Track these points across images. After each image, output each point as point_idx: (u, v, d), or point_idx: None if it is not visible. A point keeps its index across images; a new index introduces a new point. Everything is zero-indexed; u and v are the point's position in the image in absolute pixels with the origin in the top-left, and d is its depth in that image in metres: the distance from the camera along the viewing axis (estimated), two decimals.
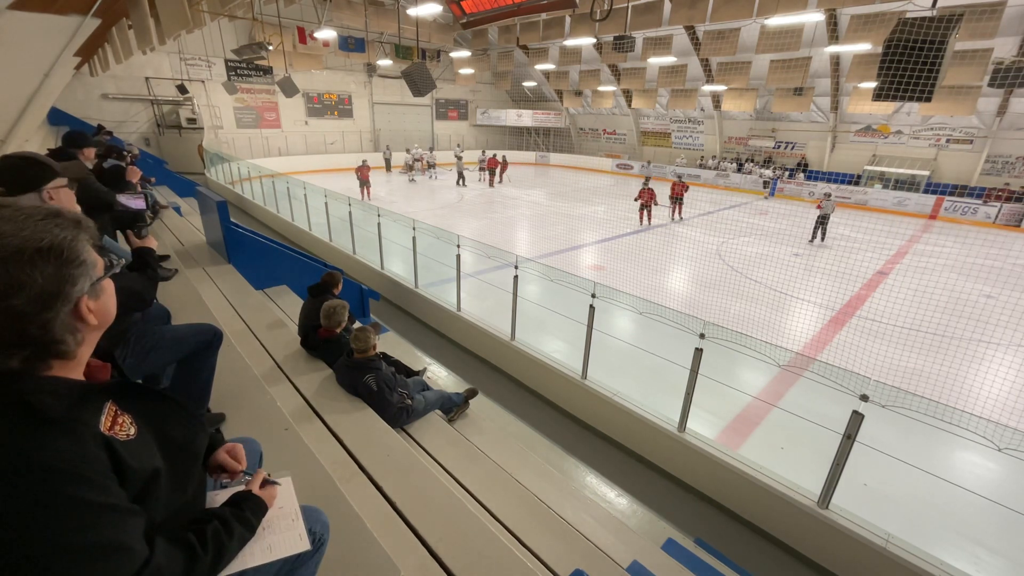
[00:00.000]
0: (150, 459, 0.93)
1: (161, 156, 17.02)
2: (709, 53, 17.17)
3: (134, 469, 0.88)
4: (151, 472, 0.93)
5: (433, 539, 2.07)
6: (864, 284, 9.34)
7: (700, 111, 23.55)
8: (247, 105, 21.62)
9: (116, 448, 0.86)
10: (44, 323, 0.82)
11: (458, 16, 7.24)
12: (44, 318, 0.82)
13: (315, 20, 18.18)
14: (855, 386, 3.11)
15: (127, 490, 0.86)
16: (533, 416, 4.90)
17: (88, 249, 0.89)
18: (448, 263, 6.43)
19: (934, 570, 2.85)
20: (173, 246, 5.52)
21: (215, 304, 4.01)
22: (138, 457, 0.90)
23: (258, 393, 2.65)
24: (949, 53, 4.02)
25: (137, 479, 0.89)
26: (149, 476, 0.92)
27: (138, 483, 0.89)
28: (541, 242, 11.73)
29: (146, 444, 0.94)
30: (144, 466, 0.91)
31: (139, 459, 0.90)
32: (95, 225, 0.95)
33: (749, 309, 7.65)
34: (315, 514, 1.48)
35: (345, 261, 8.62)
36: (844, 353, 6.24)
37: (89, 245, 0.90)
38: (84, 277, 0.87)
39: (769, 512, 3.57)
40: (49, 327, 0.83)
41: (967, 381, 5.78)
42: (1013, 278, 10.06)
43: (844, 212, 16.66)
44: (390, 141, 26.29)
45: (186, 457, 1.09)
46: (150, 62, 18.23)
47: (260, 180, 13.17)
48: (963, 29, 8.06)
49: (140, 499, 0.89)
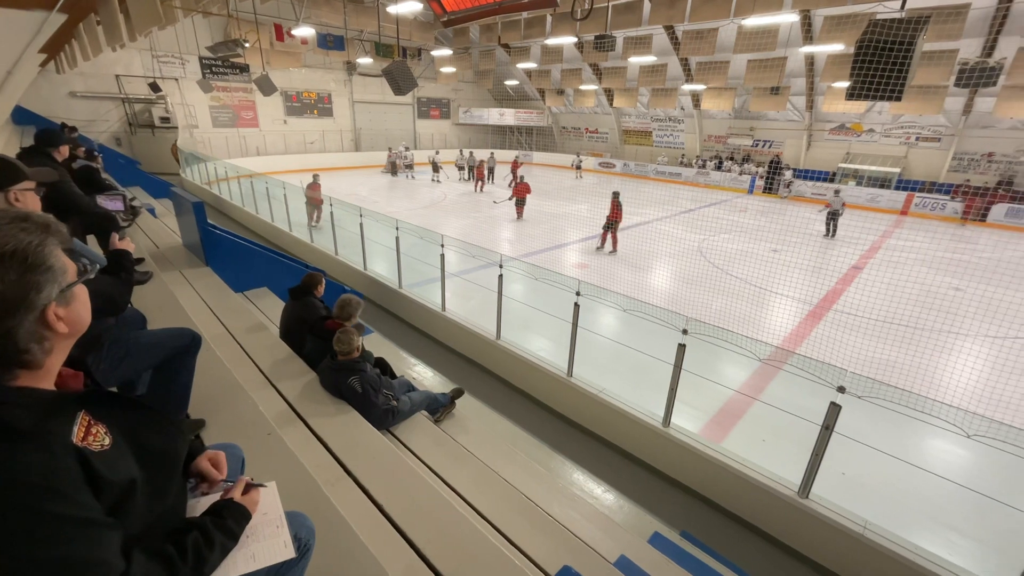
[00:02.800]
0: (126, 469, 0.91)
1: (134, 156, 16.53)
2: (688, 53, 17.40)
3: (109, 480, 0.85)
4: (127, 483, 0.90)
5: (421, 541, 2.06)
6: (840, 278, 9.60)
7: (680, 110, 23.86)
8: (223, 104, 21.13)
9: (90, 459, 0.83)
10: (7, 332, 0.79)
11: (439, 14, 7.20)
12: (6, 326, 0.79)
13: (293, 17, 17.88)
14: (832, 378, 3.19)
15: (102, 502, 0.84)
16: (520, 415, 4.91)
17: (57, 254, 0.86)
18: (432, 263, 6.40)
19: (910, 555, 2.95)
20: (148, 249, 5.37)
21: (193, 307, 3.91)
22: (114, 468, 0.87)
23: (239, 398, 2.60)
24: (918, 54, 4.14)
25: (113, 490, 0.86)
26: (125, 487, 0.89)
27: (114, 495, 0.87)
28: (525, 241, 11.74)
29: (122, 454, 0.92)
30: (120, 477, 0.88)
31: (115, 470, 0.87)
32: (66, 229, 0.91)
33: (730, 305, 7.78)
34: (300, 520, 1.45)
35: (327, 262, 8.51)
36: (822, 346, 6.40)
37: (59, 250, 0.87)
38: (51, 284, 0.84)
39: (752, 503, 3.64)
40: (12, 336, 0.80)
41: (938, 371, 5.99)
42: (979, 271, 10.45)
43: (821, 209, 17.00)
44: (373, 140, 26.04)
45: (164, 466, 1.06)
46: (120, 59, 17.67)
47: (238, 180, 12.90)
48: (930, 30, 8.33)
49: (116, 511, 0.87)
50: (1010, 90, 13.63)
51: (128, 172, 11.62)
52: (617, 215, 10.60)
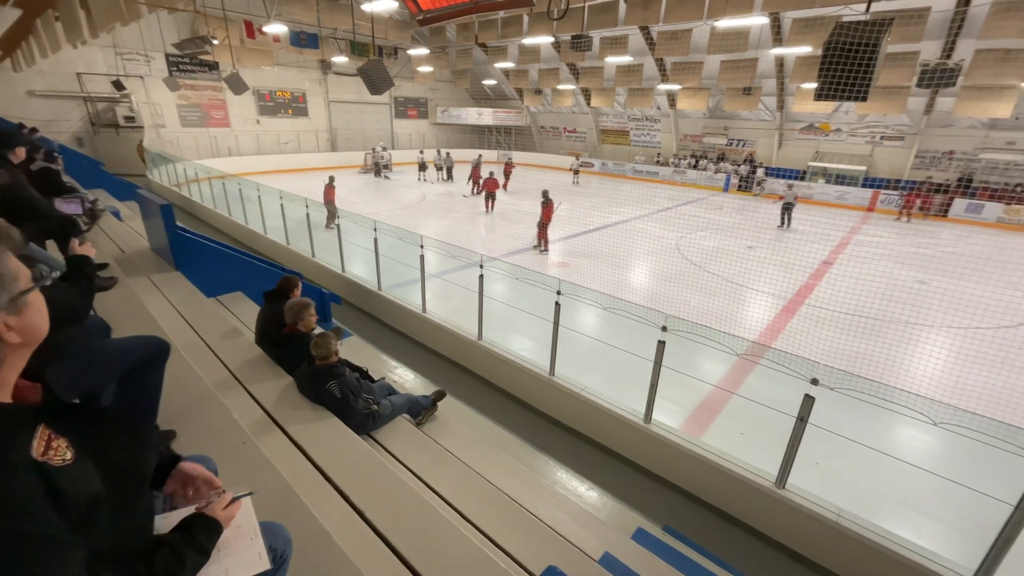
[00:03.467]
0: (90, 485, 0.88)
1: (97, 157, 15.89)
2: (663, 53, 17.64)
3: (72, 496, 0.82)
4: (91, 498, 0.87)
5: (404, 547, 2.03)
6: (812, 274, 9.88)
7: (657, 109, 24.19)
8: (192, 102, 20.51)
9: (51, 475, 0.80)
10: None
11: (414, 13, 7.13)
12: None
13: (263, 14, 17.46)
14: (806, 371, 3.28)
15: (65, 519, 0.80)
16: (502, 415, 4.90)
17: (6, 260, 0.81)
18: (412, 264, 6.33)
19: (881, 540, 3.05)
20: (113, 253, 5.16)
21: (162, 314, 3.78)
22: (76, 483, 0.84)
23: (212, 407, 2.51)
24: (882, 55, 4.29)
25: (76, 507, 0.83)
26: (90, 503, 0.86)
27: (78, 511, 0.83)
28: (505, 240, 11.73)
29: (85, 469, 0.88)
30: (83, 492, 0.85)
31: (77, 485, 0.84)
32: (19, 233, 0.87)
33: (708, 301, 7.92)
34: (276, 531, 1.42)
35: (304, 264, 8.34)
36: (796, 340, 6.57)
37: (8, 255, 0.82)
38: (1, 291, 0.79)
39: (732, 496, 3.71)
40: None
41: (905, 361, 6.22)
42: (942, 264, 10.90)
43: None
44: (349, 140, 25.66)
45: (130, 481, 1.02)
46: (82, 56, 16.96)
47: (209, 182, 12.54)
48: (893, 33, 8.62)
49: (81, 528, 0.83)
50: (968, 90, 14.24)
51: (91, 174, 11.15)
52: (546, 214, 10.74)
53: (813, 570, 3.37)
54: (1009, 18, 11.56)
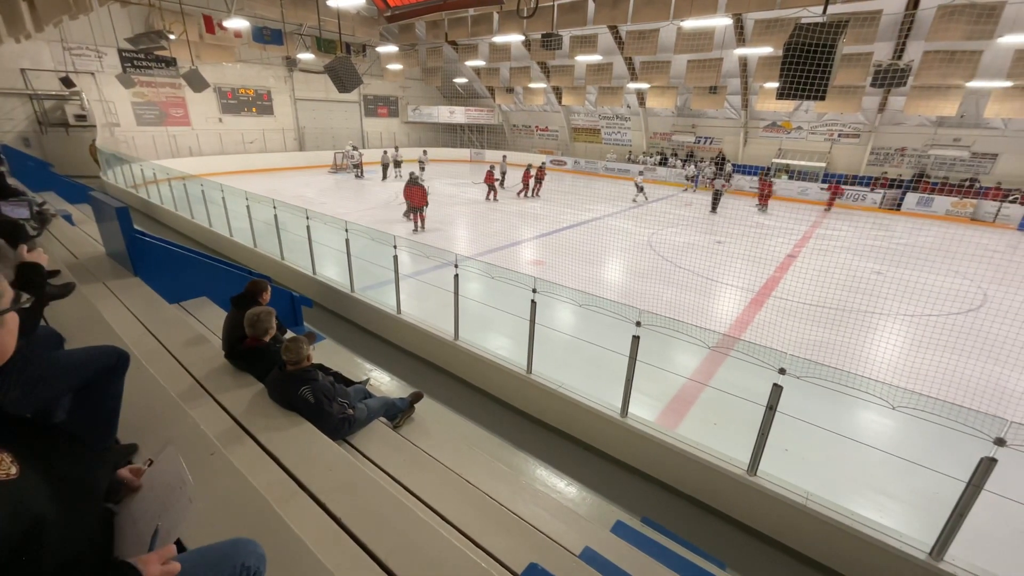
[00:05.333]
0: (36, 501, 0.84)
1: (45, 158, 15.03)
2: (632, 52, 17.92)
3: (14, 513, 0.78)
4: (36, 515, 0.83)
5: (383, 552, 2.00)
6: (778, 267, 10.23)
7: (627, 108, 24.55)
8: (148, 100, 19.62)
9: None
10: None
11: (382, 9, 7.02)
12: None
13: (223, 8, 16.83)
14: (774, 361, 3.39)
15: (8, 536, 0.77)
16: (481, 415, 4.89)
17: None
18: (385, 265, 6.23)
19: (846, 520, 3.19)
20: (65, 260, 4.90)
21: (120, 322, 3.61)
22: (19, 499, 0.80)
23: (177, 417, 2.42)
24: (839, 56, 4.47)
25: (19, 523, 0.79)
26: (33, 519, 0.82)
27: (21, 527, 0.79)
28: (480, 239, 11.70)
29: (31, 484, 0.84)
30: (27, 509, 0.81)
31: (20, 501, 0.80)
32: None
33: (680, 295, 8.10)
34: (247, 547, 1.37)
35: (272, 267, 8.10)
36: (764, 331, 6.79)
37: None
38: None
39: (706, 485, 3.81)
40: None
41: (864, 348, 6.52)
42: (896, 255, 11.47)
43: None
44: (318, 139, 25.05)
45: (81, 497, 0.97)
46: (26, 51, 15.99)
47: (169, 183, 12.02)
48: (849, 34, 9.02)
49: (25, 545, 0.79)
50: (918, 90, 15.01)
51: (39, 176, 10.54)
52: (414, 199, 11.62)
53: (785, 552, 3.50)
54: (954, 21, 12.24)
